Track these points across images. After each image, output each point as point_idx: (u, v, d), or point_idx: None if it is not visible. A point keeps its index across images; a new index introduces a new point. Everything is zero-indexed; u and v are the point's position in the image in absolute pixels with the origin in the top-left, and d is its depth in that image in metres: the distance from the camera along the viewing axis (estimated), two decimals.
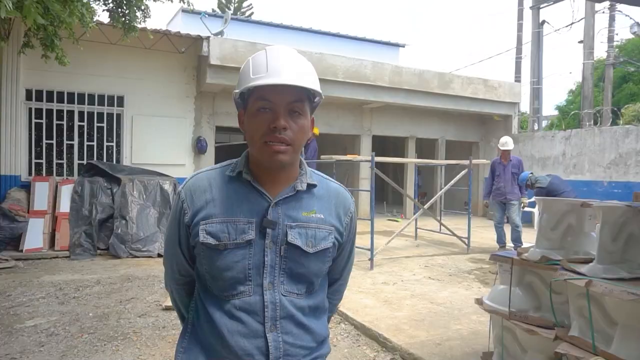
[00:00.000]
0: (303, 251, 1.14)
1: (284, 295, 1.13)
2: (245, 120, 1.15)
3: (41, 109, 8.09)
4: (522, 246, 4.44)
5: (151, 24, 25.31)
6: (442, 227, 8.37)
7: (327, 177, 1.28)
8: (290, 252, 1.13)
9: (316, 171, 1.28)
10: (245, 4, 28.18)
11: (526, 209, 8.51)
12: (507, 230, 7.56)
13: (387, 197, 15.47)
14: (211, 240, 1.11)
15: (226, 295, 1.12)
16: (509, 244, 7.51)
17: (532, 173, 7.18)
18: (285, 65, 1.09)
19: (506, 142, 7.51)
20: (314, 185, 1.20)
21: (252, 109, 1.12)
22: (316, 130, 10.23)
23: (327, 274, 1.27)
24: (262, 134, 1.09)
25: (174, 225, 1.19)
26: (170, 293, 1.32)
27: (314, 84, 1.12)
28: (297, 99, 1.10)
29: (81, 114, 8.40)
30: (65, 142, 8.31)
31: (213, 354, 1.13)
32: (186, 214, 1.15)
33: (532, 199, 8.51)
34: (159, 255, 6.78)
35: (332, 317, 1.54)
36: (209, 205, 1.14)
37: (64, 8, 4.29)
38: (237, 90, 1.14)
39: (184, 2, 6.35)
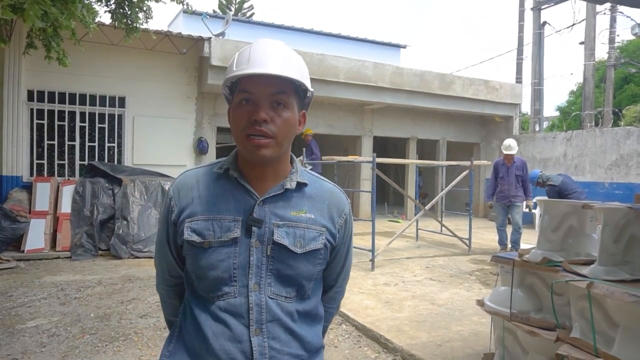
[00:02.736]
0: (291, 251, 1.09)
1: (271, 298, 1.08)
2: (230, 114, 1.12)
3: (43, 110, 8.10)
4: (520, 248, 4.43)
5: (152, 25, 25.22)
6: (443, 228, 8.37)
7: (322, 177, 1.23)
8: (277, 252, 1.09)
9: (311, 171, 1.23)
10: (246, 5, 28.24)
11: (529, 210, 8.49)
12: (509, 231, 7.54)
13: (388, 198, 15.46)
14: (195, 238, 1.08)
15: (211, 297, 1.09)
16: (510, 245, 7.50)
17: (542, 172, 7.12)
18: (268, 56, 1.04)
19: (509, 146, 7.34)
20: (305, 184, 1.15)
21: (235, 101, 1.09)
22: (309, 131, 10.21)
23: (321, 279, 1.22)
24: (243, 127, 1.05)
25: (163, 224, 1.18)
26: (161, 295, 1.29)
27: (299, 76, 1.06)
28: (280, 91, 1.05)
29: (82, 114, 8.41)
30: (66, 142, 8.32)
31: (197, 357, 1.08)
32: (173, 212, 1.13)
33: (535, 200, 8.49)
34: None
35: (333, 319, 1.51)
36: (194, 203, 1.11)
37: (63, 11, 4.27)
38: (222, 85, 1.13)
39: (182, 4, 6.35)
